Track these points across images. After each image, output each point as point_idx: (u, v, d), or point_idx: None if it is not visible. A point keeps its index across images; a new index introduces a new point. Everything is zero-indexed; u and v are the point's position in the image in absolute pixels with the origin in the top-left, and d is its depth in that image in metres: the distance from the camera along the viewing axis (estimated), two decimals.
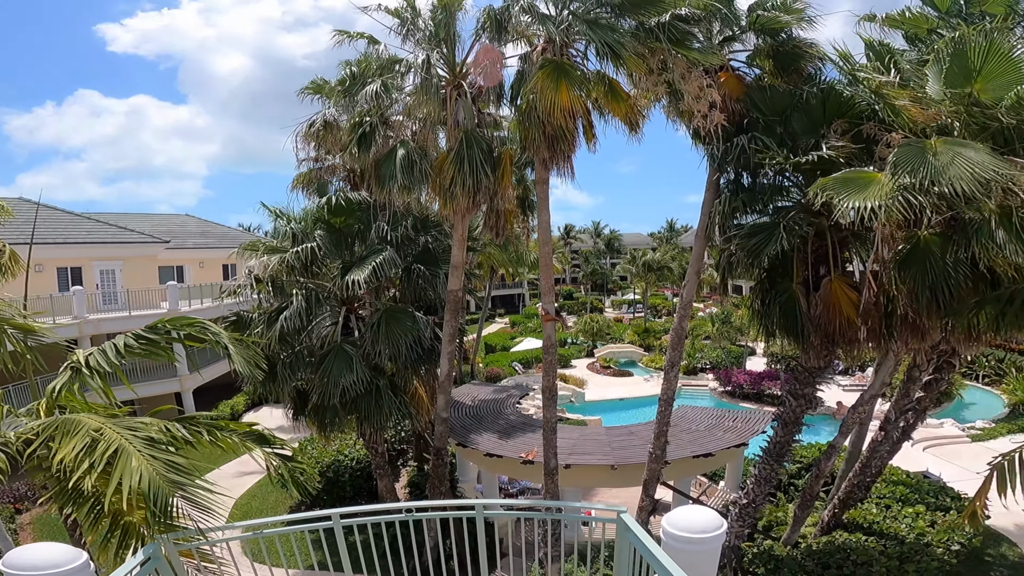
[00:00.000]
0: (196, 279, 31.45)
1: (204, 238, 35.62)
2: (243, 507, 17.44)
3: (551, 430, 10.89)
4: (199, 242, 34.56)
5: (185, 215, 40.89)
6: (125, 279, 26.90)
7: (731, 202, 9.84)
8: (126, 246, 27.19)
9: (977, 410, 26.61)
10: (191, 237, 34.99)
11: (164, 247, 29.11)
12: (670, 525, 4.07)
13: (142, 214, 37.70)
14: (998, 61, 7.62)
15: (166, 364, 24.11)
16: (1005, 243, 6.57)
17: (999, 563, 13.40)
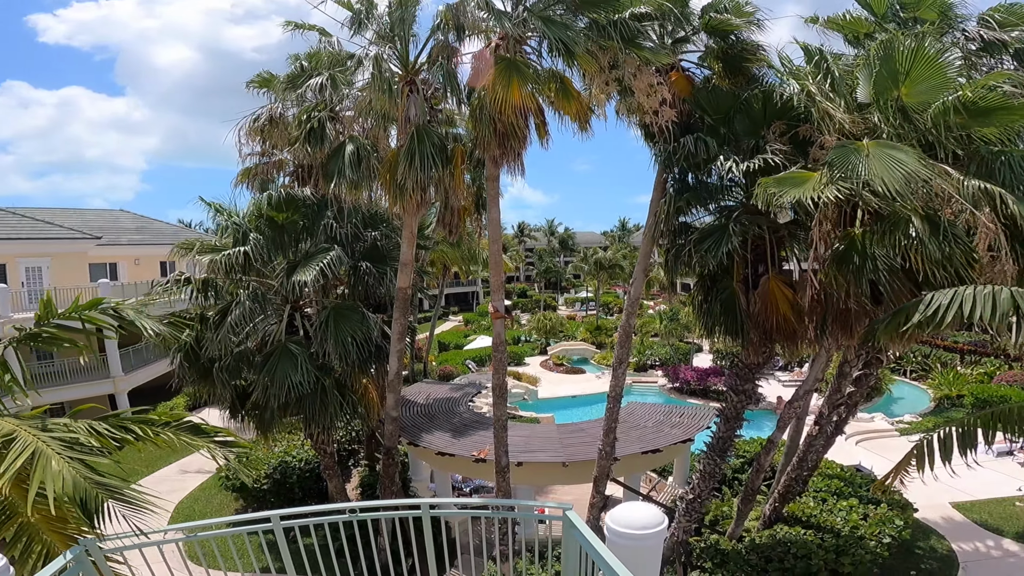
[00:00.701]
0: (131, 277, 30.02)
1: (140, 234, 34.05)
2: (185, 511, 16.81)
3: (502, 428, 10.90)
4: (134, 239, 33.02)
5: (120, 210, 38.91)
6: (53, 277, 25.43)
7: (676, 201, 10.04)
8: (54, 242, 25.69)
9: (905, 404, 28.03)
10: (126, 233, 33.40)
11: (95, 243, 27.67)
12: (613, 522, 4.14)
13: (73, 209, 35.60)
14: (924, 66, 7.84)
15: (97, 365, 22.91)
16: (925, 242, 6.89)
17: (928, 556, 14.00)
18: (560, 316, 49.55)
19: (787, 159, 8.81)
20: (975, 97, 7.12)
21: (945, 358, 32.05)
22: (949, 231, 6.90)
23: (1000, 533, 15.04)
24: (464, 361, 35.35)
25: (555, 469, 14.32)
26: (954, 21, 10.66)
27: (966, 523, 15.70)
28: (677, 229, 10.48)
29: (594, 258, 51.63)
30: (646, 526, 3.97)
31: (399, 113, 10.45)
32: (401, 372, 11.95)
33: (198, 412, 25.69)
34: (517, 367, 36.78)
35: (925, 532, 15.06)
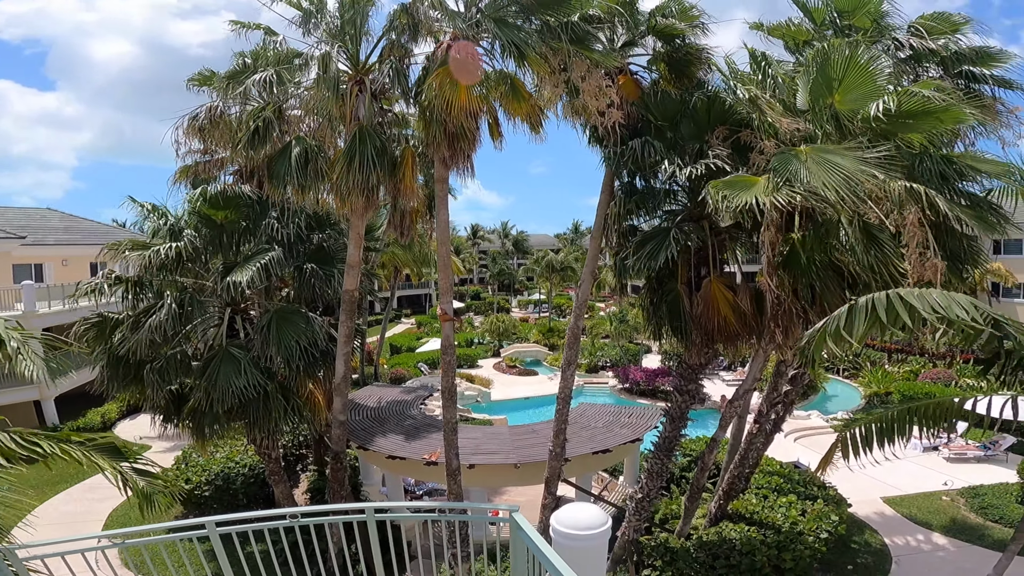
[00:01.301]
0: (59, 278, 28.26)
1: (68, 234, 32.14)
2: (120, 518, 15.97)
3: (452, 431, 10.83)
4: (62, 238, 31.16)
5: (47, 208, 36.59)
6: None
7: (625, 204, 10.18)
8: None
9: (839, 402, 29.38)
10: (53, 232, 31.49)
11: (19, 243, 26.00)
12: (558, 523, 4.18)
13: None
14: (856, 74, 8.10)
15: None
16: (856, 246, 7.25)
17: (864, 550, 14.38)
18: (513, 318, 49.78)
19: (729, 164, 9.06)
20: (902, 104, 7.43)
21: (874, 357, 33.81)
22: (877, 235, 7.26)
23: (929, 527, 15.59)
24: (416, 364, 34.97)
25: (507, 471, 14.34)
26: (886, 30, 11.10)
27: (897, 517, 16.26)
28: (625, 232, 10.63)
29: (546, 260, 52.10)
30: (590, 527, 4.03)
31: (347, 113, 10.25)
32: (348, 376, 11.71)
33: (133, 418, 24.47)
34: (470, 369, 36.68)
35: (860, 527, 15.52)
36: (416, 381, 30.74)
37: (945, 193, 7.83)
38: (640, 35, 11.18)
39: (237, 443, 16.99)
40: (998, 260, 35.86)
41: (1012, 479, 17.35)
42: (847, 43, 8.45)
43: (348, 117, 10.26)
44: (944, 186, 8.13)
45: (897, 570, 13.48)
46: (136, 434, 22.52)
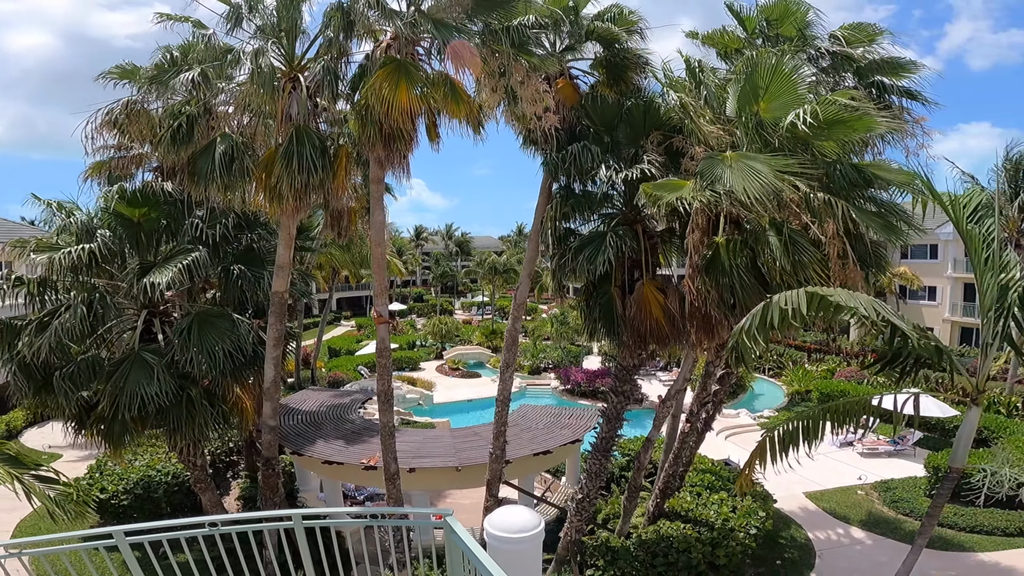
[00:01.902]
0: None
1: None
2: (29, 529, 14.96)
3: (389, 434, 10.64)
4: None
5: None
6: None
7: (561, 207, 10.28)
8: None
9: (765, 400, 30.65)
10: None
11: None
12: (491, 526, 4.18)
13: None
14: (779, 82, 8.40)
15: None
16: (776, 249, 7.61)
17: (790, 545, 14.88)
18: (456, 320, 49.56)
19: (662, 169, 9.30)
20: (818, 112, 7.77)
21: (796, 356, 35.75)
22: (798, 240, 7.65)
23: (848, 521, 16.23)
24: (356, 367, 34.21)
25: (449, 474, 14.27)
26: (810, 39, 11.58)
27: (819, 512, 16.86)
28: (562, 235, 10.75)
29: (489, 262, 52.20)
30: (523, 529, 4.05)
31: (279, 111, 9.92)
32: (278, 380, 11.33)
33: (40, 426, 22.77)
34: (412, 372, 36.30)
35: (786, 522, 16.04)
36: (355, 384, 30.08)
37: (855, 200, 8.33)
38: (581, 39, 11.34)
39: (159, 450, 16.30)
40: (904, 264, 38.67)
41: (920, 473, 18.41)
42: (772, 52, 8.73)
43: (280, 114, 9.93)
44: (854, 193, 8.60)
45: (820, 564, 13.99)
46: (45, 443, 21.17)
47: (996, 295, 6.74)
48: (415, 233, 77.19)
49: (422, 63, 9.87)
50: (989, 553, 14.09)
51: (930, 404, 18.82)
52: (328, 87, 9.64)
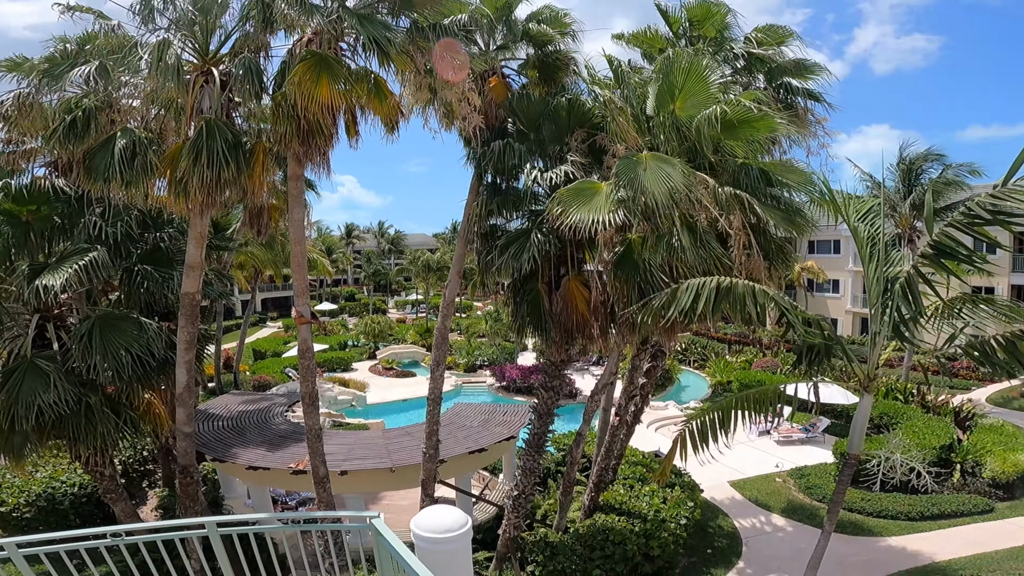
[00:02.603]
0: None
1: None
2: None
3: (316, 437, 10.34)
4: None
5: None
6: None
7: (487, 205, 10.28)
8: None
9: (691, 391, 31.86)
10: None
11: None
12: (417, 527, 4.11)
13: None
14: (694, 81, 8.66)
15: None
16: (684, 249, 7.89)
17: (719, 534, 15.42)
18: (390, 319, 48.72)
19: (585, 167, 9.47)
20: (728, 112, 8.13)
21: (717, 348, 37.50)
22: (705, 238, 7.97)
23: (769, 509, 16.88)
24: (284, 369, 32.99)
25: (383, 475, 14.06)
26: (727, 40, 12.08)
27: (743, 501, 17.47)
28: (489, 232, 10.77)
29: (422, 260, 51.61)
30: (449, 529, 4.00)
31: (188, 105, 9.37)
32: (192, 385, 10.79)
33: None
34: (344, 373, 35.48)
35: (714, 511, 16.58)
36: (283, 387, 29.00)
37: (760, 198, 8.79)
38: (515, 40, 11.40)
39: (63, 460, 15.53)
40: (811, 259, 41.33)
41: (830, 459, 19.41)
42: (688, 52, 9.00)
43: (190, 109, 9.41)
44: (760, 191, 9.03)
45: (747, 552, 14.55)
46: None
47: (881, 287, 7.29)
48: (346, 231, 75.15)
49: (346, 59, 9.58)
50: (896, 538, 14.92)
51: (835, 392, 20.06)
52: (245, 81, 9.16)
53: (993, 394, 27.41)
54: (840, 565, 13.49)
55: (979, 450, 18.11)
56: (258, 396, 21.76)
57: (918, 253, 6.80)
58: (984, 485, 17.03)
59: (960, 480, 17.46)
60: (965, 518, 15.67)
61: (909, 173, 28.11)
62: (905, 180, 28.22)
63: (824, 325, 6.53)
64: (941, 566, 13.33)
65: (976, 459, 17.83)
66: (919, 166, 27.84)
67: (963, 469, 17.83)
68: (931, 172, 27.68)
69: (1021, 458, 17.32)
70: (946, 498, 16.47)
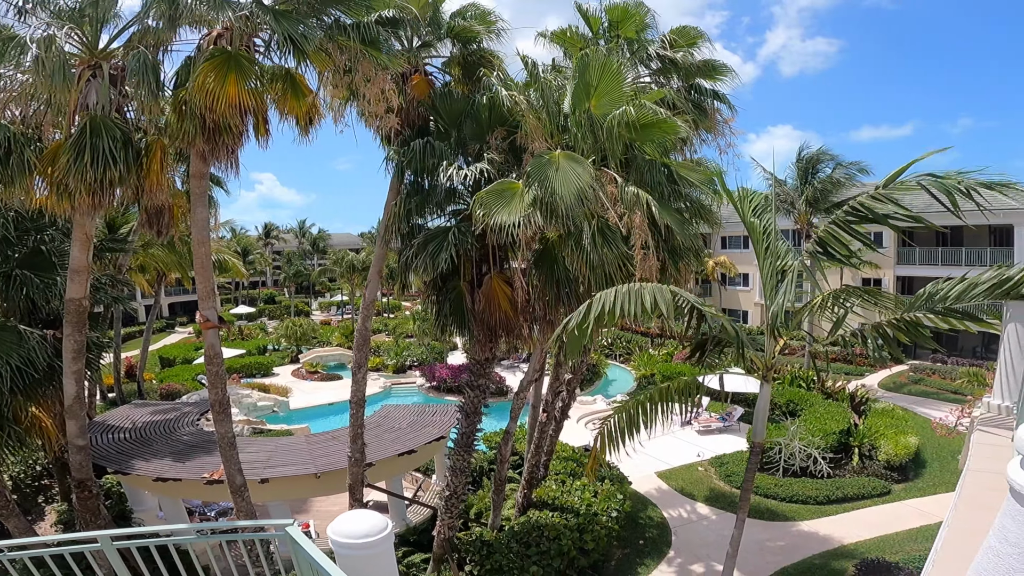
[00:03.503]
0: None
1: None
2: None
3: (229, 445, 9.81)
4: None
5: None
6: None
7: (406, 204, 10.08)
8: None
9: (618, 385, 32.52)
10: None
11: None
12: (335, 533, 3.94)
13: None
14: (608, 80, 8.77)
15: None
16: (588, 248, 8.04)
17: (649, 525, 15.67)
18: (313, 321, 47.11)
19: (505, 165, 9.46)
20: (635, 114, 8.31)
21: (641, 342, 38.77)
22: (613, 237, 8.13)
23: (694, 498, 17.23)
24: (195, 377, 31.13)
25: (308, 481, 13.71)
26: (645, 41, 12.35)
27: (670, 491, 17.78)
28: (410, 231, 10.57)
29: (347, 260, 50.15)
30: (368, 534, 3.85)
31: (71, 100, 8.57)
32: (83, 395, 9.99)
33: None
34: (264, 379, 34.05)
35: (643, 502, 16.84)
36: (194, 395, 27.41)
37: (668, 197, 9.11)
38: (439, 37, 11.22)
39: None
40: (724, 254, 43.55)
41: (745, 446, 19.80)
42: (603, 51, 9.18)
43: (73, 104, 8.63)
44: (664, 190, 9.31)
45: (676, 541, 14.91)
46: None
47: (775, 280, 7.72)
48: (264, 231, 71.80)
49: (260, 56, 9.07)
50: (808, 522, 15.58)
51: (749, 382, 21.00)
52: (140, 77, 8.44)
53: (884, 379, 29.48)
54: (761, 551, 14.10)
55: (874, 434, 19.23)
56: (166, 405, 20.72)
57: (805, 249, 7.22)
58: (880, 468, 17.95)
59: (859, 464, 18.44)
60: (866, 500, 16.50)
61: (806, 171, 30.11)
62: (802, 178, 30.20)
63: (720, 318, 6.79)
64: (849, 549, 14.02)
65: (872, 443, 18.95)
66: (814, 165, 29.90)
67: (861, 453, 18.88)
68: (825, 170, 29.70)
69: (911, 441, 18.49)
70: (848, 482, 17.30)
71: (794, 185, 30.61)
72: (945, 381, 28.00)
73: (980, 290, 6.28)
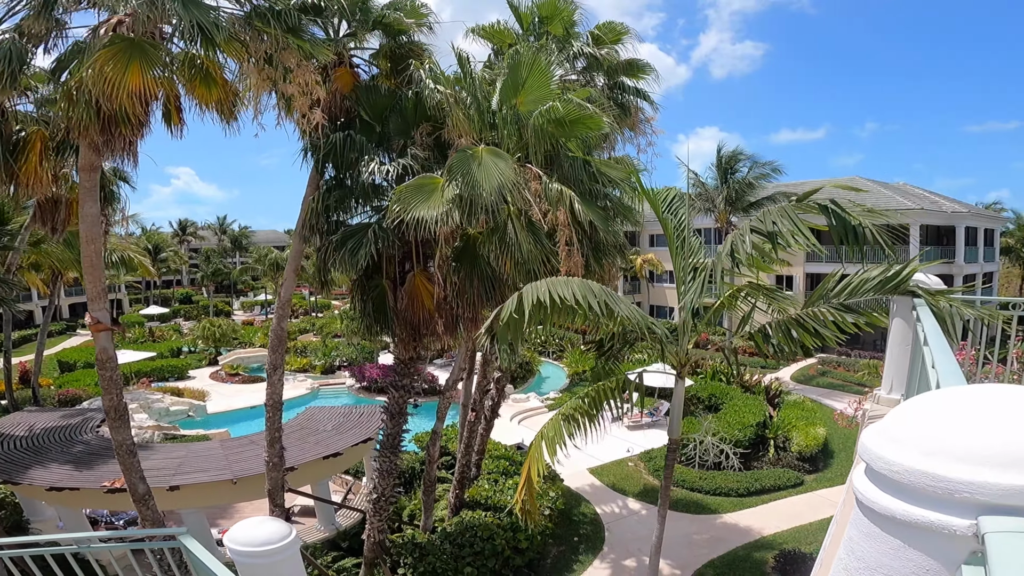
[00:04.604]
0: None
1: None
2: None
3: (128, 453, 9.22)
4: None
5: None
6: None
7: (325, 199, 9.72)
8: None
9: (551, 382, 32.71)
10: None
11: None
12: (231, 541, 3.75)
13: None
14: (537, 76, 8.74)
15: None
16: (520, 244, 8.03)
17: (583, 521, 15.70)
18: (234, 322, 44.92)
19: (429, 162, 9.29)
20: (561, 110, 8.34)
21: (574, 339, 39.19)
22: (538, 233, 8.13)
23: (625, 494, 17.35)
24: (98, 381, 28.77)
25: (224, 487, 13.22)
26: (574, 37, 12.38)
27: (602, 487, 17.85)
28: (330, 228, 10.19)
29: (270, 258, 48.06)
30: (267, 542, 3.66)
31: None
32: None
33: None
34: (179, 382, 32.15)
35: (577, 499, 16.88)
36: (95, 401, 25.51)
37: (591, 194, 9.24)
38: (367, 27, 10.87)
39: None
40: (652, 252, 44.84)
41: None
42: (532, 47, 9.13)
43: None
44: (589, 187, 9.40)
45: (610, 536, 15.02)
46: None
47: (687, 276, 7.97)
48: (180, 228, 67.73)
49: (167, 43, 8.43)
50: (731, 514, 16.02)
51: (670, 377, 21.59)
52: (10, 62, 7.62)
53: (796, 372, 31.11)
54: (690, 544, 14.53)
55: (787, 426, 20.14)
56: (63, 412, 19.65)
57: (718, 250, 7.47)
58: (793, 459, 18.67)
59: (775, 455, 19.27)
60: (782, 492, 17.13)
61: (725, 171, 31.55)
62: (722, 178, 31.63)
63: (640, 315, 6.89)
64: (769, 540, 14.54)
65: (785, 434, 19.83)
66: (732, 165, 31.37)
67: (776, 444, 19.75)
68: (742, 170, 31.17)
69: (820, 432, 19.42)
70: (765, 473, 17.93)
71: (715, 185, 31.93)
72: (849, 373, 30.01)
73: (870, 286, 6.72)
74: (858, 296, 6.85)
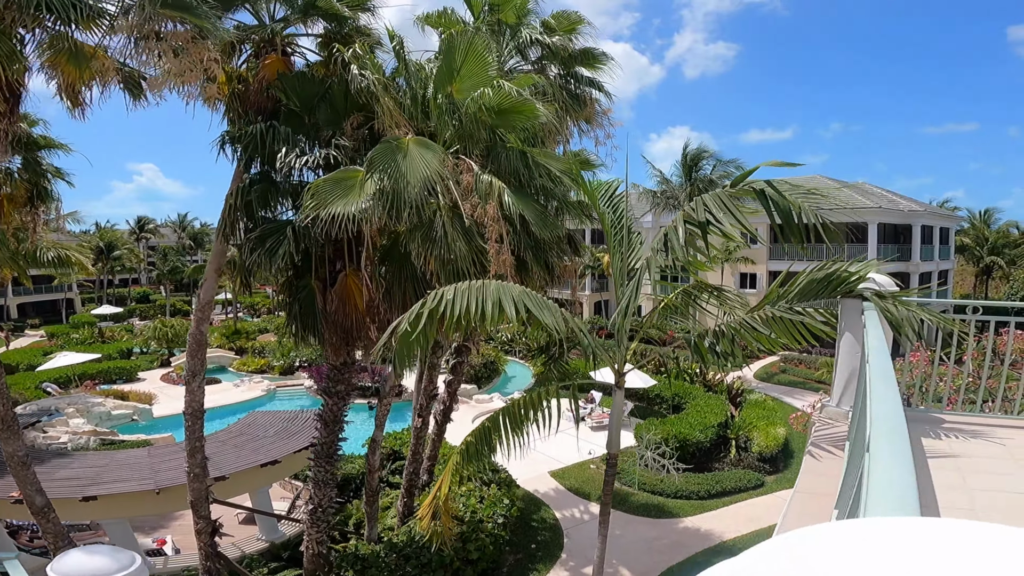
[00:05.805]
0: None
1: None
2: None
3: (20, 464, 8.54)
4: None
5: None
6: None
7: (247, 194, 8.96)
8: None
9: (517, 382, 31.99)
10: None
11: None
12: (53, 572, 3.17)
13: None
14: (473, 61, 8.19)
15: None
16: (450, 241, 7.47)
17: (542, 527, 15.19)
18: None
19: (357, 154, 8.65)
20: (493, 96, 7.82)
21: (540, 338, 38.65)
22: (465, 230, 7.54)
23: (587, 498, 16.77)
24: (40, 384, 27.47)
25: (147, 497, 12.53)
26: (526, 27, 11.85)
27: (563, 491, 17.33)
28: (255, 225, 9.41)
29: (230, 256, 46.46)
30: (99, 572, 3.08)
31: None
32: None
33: None
34: (127, 384, 30.91)
35: (536, 504, 16.33)
36: (32, 405, 24.24)
37: (527, 187, 8.67)
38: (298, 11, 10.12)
39: None
40: None
41: (634, 442, 19.24)
42: (469, 31, 8.60)
43: None
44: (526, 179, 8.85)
45: (569, 543, 14.56)
46: None
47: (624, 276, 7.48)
48: (138, 225, 65.49)
49: None
50: (691, 518, 15.71)
51: (635, 376, 21.12)
52: None
53: (759, 370, 31.08)
54: (649, 550, 14.09)
55: (747, 425, 19.87)
56: None
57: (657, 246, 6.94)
58: (754, 460, 18.41)
59: (736, 456, 18.94)
60: (743, 493, 16.87)
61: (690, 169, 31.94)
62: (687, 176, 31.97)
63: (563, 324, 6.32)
64: (729, 545, 14.20)
65: (746, 435, 19.50)
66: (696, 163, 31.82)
67: (737, 445, 19.40)
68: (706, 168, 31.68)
69: (780, 432, 19.13)
70: (727, 475, 17.63)
71: (679, 182, 32.03)
72: (810, 371, 30.16)
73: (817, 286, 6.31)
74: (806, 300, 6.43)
